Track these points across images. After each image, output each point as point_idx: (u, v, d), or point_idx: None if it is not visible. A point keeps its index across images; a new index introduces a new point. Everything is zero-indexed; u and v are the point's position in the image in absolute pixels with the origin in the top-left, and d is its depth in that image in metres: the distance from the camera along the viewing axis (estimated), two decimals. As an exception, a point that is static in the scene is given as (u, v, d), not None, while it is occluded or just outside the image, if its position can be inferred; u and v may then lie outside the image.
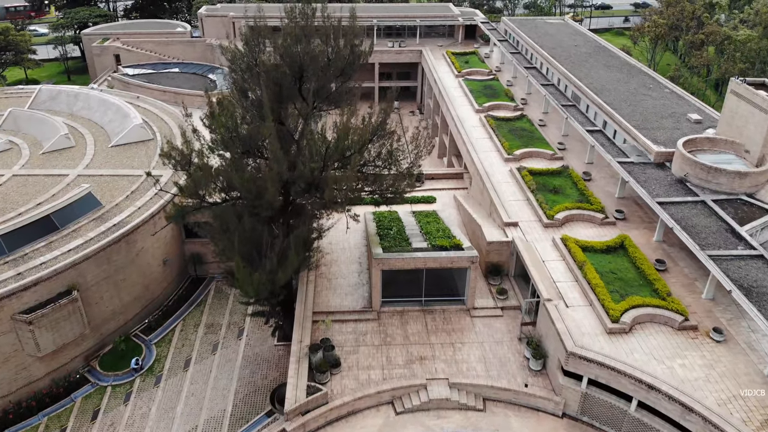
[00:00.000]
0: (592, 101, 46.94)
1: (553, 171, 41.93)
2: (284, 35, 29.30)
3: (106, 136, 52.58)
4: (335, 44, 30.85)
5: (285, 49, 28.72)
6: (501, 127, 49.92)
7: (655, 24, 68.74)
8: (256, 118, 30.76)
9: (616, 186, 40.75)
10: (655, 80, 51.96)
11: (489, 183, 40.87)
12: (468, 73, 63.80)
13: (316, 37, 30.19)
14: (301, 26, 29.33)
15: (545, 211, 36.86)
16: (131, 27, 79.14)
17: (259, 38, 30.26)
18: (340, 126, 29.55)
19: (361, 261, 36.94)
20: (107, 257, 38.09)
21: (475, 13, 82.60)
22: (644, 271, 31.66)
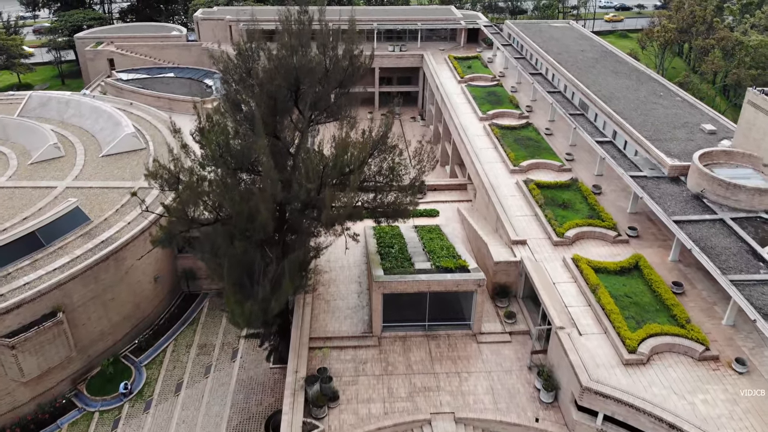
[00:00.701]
0: (601, 110, 45.17)
1: (561, 184, 40.15)
2: (279, 46, 27.53)
3: (97, 145, 50.82)
4: (333, 54, 29.05)
5: (280, 60, 26.92)
6: (506, 137, 48.15)
7: (664, 29, 66.81)
8: (249, 132, 29.06)
9: (628, 200, 38.97)
10: (666, 87, 50.20)
11: (495, 197, 39.09)
12: (471, 78, 62.01)
13: (312, 48, 28.36)
14: (296, 36, 27.49)
15: (555, 228, 35.09)
16: (126, 30, 77.33)
17: (252, 48, 28.44)
18: (338, 141, 27.80)
19: (361, 281, 35.16)
20: (95, 276, 36.34)
21: (477, 16, 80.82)
22: (661, 295, 29.90)
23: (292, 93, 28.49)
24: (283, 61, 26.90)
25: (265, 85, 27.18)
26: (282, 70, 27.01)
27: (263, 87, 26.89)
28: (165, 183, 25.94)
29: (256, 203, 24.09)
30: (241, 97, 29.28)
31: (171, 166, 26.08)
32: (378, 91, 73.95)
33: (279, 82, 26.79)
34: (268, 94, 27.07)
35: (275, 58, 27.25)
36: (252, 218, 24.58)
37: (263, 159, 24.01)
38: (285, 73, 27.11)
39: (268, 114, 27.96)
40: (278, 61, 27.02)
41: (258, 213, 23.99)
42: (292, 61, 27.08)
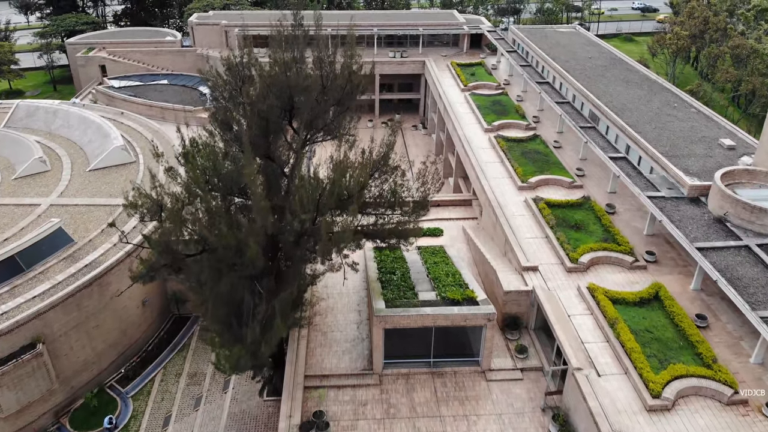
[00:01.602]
0: (613, 123, 42.94)
1: (573, 203, 37.92)
2: (271, 62, 25.32)
3: (85, 158, 48.64)
4: (331, 70, 26.83)
5: (272, 78, 24.70)
6: (513, 150, 45.92)
7: (676, 36, 64.45)
8: (240, 152, 26.90)
9: (643, 220, 36.74)
10: (679, 98, 47.96)
11: (502, 216, 36.86)
12: (475, 86, 59.77)
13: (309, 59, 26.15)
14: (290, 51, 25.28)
15: (568, 253, 32.86)
16: (118, 36, 75.12)
17: (243, 63, 26.23)
18: (336, 163, 25.62)
19: (361, 309, 32.94)
20: (77, 303, 34.17)
21: (480, 20, 78.58)
22: (684, 330, 27.68)
23: (286, 112, 26.29)
24: (275, 78, 24.67)
25: (256, 104, 24.96)
26: (274, 88, 24.80)
27: (254, 106, 24.67)
28: (146, 213, 23.72)
29: (245, 236, 21.86)
30: (231, 115, 27.07)
31: (153, 194, 23.87)
32: (378, 98, 71.71)
33: (271, 102, 24.58)
34: (259, 114, 24.85)
35: (267, 75, 25.02)
36: (240, 252, 22.37)
37: (253, 188, 21.79)
38: (278, 91, 24.90)
39: (259, 135, 25.77)
40: (270, 79, 24.79)
41: (247, 247, 21.77)
42: (285, 78, 24.83)
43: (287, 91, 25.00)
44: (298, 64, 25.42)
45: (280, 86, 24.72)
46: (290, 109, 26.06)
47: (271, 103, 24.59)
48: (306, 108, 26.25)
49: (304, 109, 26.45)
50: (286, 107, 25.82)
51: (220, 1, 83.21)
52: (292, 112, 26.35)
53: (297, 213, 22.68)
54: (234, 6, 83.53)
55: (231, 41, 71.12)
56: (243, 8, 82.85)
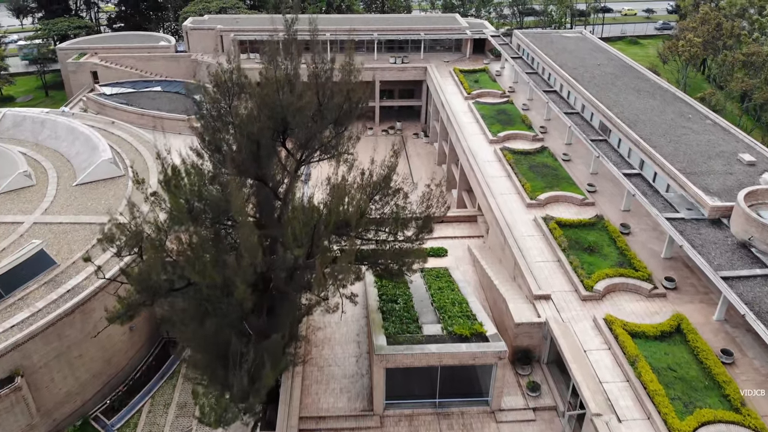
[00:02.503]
0: (626, 135, 40.77)
1: (585, 223, 35.79)
2: (263, 82, 23.20)
3: (72, 171, 46.50)
4: (328, 88, 24.70)
5: (263, 98, 22.58)
6: (520, 163, 43.79)
7: (689, 43, 62.19)
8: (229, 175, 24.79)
9: (660, 242, 34.64)
10: (693, 108, 45.79)
11: (511, 237, 34.73)
12: (478, 94, 57.63)
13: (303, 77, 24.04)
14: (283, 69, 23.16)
15: (582, 280, 30.73)
16: (110, 40, 72.93)
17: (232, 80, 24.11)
18: (332, 188, 23.54)
19: (360, 339, 30.81)
20: (58, 333, 32.05)
21: (483, 24, 76.42)
22: (709, 368, 25.57)
23: (279, 133, 24.18)
24: (266, 98, 22.53)
25: (246, 126, 22.84)
26: (266, 108, 22.67)
27: (244, 127, 22.56)
28: (124, 246, 21.61)
29: (232, 275, 19.72)
30: (220, 135, 24.94)
31: (132, 225, 21.75)
32: (378, 105, 69.53)
33: (262, 124, 22.47)
34: (248, 136, 22.74)
35: (258, 94, 22.89)
36: (227, 291, 20.25)
37: (241, 223, 19.67)
38: (269, 111, 22.77)
39: (249, 159, 23.66)
40: (261, 99, 22.66)
41: (234, 286, 19.64)
42: (277, 97, 22.70)
43: (280, 112, 22.87)
44: (291, 82, 23.25)
45: (272, 106, 22.58)
46: (283, 131, 23.93)
47: (262, 125, 22.46)
48: (301, 128, 24.12)
49: (298, 129, 24.31)
50: (279, 128, 23.69)
51: (216, 4, 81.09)
52: (286, 133, 24.22)
53: (290, 246, 20.54)
54: (231, 9, 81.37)
55: (226, 46, 68.96)
56: (240, 12, 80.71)
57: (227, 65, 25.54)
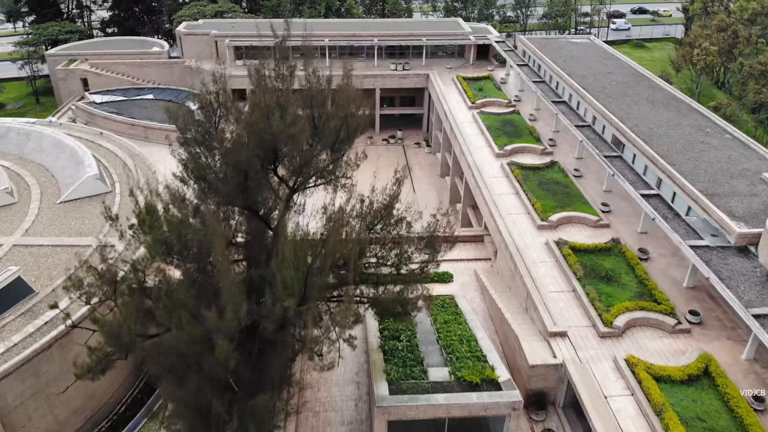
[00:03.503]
0: (642, 151, 38.40)
1: (601, 248, 33.43)
2: (251, 105, 20.86)
3: (57, 187, 44.09)
4: (323, 111, 22.36)
5: (251, 126, 20.24)
6: (529, 179, 41.43)
7: (705, 51, 59.74)
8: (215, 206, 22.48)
9: (681, 268, 32.29)
10: (711, 121, 43.44)
11: (522, 264, 32.35)
12: (483, 104, 55.25)
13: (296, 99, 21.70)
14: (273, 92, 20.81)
15: (600, 314, 28.37)
16: (101, 46, 70.54)
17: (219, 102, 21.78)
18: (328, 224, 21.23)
19: (360, 380, 28.45)
20: (34, 369, 29.67)
21: (487, 29, 73.98)
22: (741, 418, 23.27)
23: (269, 162, 21.84)
24: (255, 125, 20.20)
25: (232, 155, 20.51)
26: (254, 136, 20.33)
27: (229, 157, 20.23)
28: (97, 292, 19.27)
29: (213, 330, 17.38)
30: (206, 163, 22.60)
31: (103, 268, 19.42)
32: (379, 113, 67.14)
33: (250, 153, 20.15)
34: (235, 166, 20.42)
35: (244, 121, 20.55)
36: (207, 346, 17.91)
37: (223, 272, 17.32)
38: (258, 140, 20.43)
39: (236, 190, 21.34)
40: (249, 126, 20.32)
41: (214, 345, 17.30)
42: (267, 124, 20.35)
43: (270, 140, 20.53)
44: (283, 106, 20.90)
45: (261, 133, 20.24)
46: (274, 159, 21.59)
47: (249, 154, 20.14)
48: (293, 155, 21.79)
49: (291, 157, 21.98)
50: (269, 156, 21.35)
51: (211, 8, 78.70)
52: (277, 162, 21.89)
53: (280, 295, 18.19)
54: (227, 14, 79.00)
55: (221, 52, 66.62)
56: (236, 16, 78.33)
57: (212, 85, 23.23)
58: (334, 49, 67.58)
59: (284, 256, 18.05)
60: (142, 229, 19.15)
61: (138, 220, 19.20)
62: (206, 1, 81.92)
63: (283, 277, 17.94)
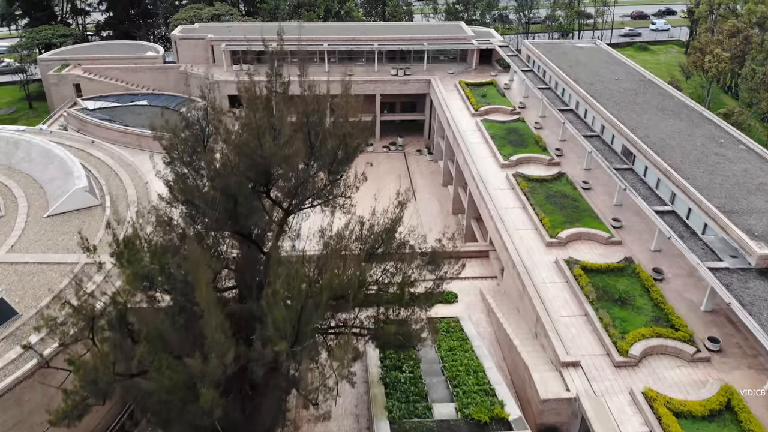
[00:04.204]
0: (654, 163, 36.75)
1: (614, 267, 31.80)
2: (241, 125, 19.23)
3: (45, 200, 42.41)
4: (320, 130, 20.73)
5: (240, 148, 18.61)
6: (536, 192, 39.78)
7: (717, 58, 57.95)
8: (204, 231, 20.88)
9: (698, 290, 30.67)
10: (724, 131, 41.80)
11: (531, 285, 30.70)
12: (487, 111, 53.59)
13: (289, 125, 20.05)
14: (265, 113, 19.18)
15: (615, 342, 26.72)
16: (95, 50, 68.80)
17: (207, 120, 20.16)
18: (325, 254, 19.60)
19: (359, 413, 26.77)
20: (16, 399, 27.99)
21: (490, 33, 72.33)
22: (771, 458, 21.61)
23: (261, 185, 20.21)
24: (245, 147, 18.56)
25: (220, 180, 18.88)
26: (245, 159, 18.70)
27: (217, 182, 18.61)
28: (72, 331, 17.65)
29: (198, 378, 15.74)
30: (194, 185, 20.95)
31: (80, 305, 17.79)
32: (379, 119, 65.47)
33: (240, 178, 18.54)
34: (223, 191, 18.79)
35: (233, 143, 18.93)
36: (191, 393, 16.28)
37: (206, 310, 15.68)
38: (249, 163, 18.80)
39: (225, 216, 19.71)
40: (239, 148, 18.69)
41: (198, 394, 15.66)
42: (258, 146, 18.71)
43: (262, 163, 18.90)
44: (275, 127, 19.26)
45: (252, 156, 18.61)
46: (266, 182, 19.96)
47: (239, 179, 18.52)
48: (287, 177, 20.17)
49: (284, 179, 20.36)
50: (261, 180, 19.72)
51: (208, 11, 77.03)
52: (269, 185, 20.26)
53: (271, 337, 16.55)
54: (224, 16, 77.34)
55: (218, 57, 64.97)
56: (233, 19, 76.65)
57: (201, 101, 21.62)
58: (333, 54, 65.95)
59: (275, 293, 16.41)
60: (120, 263, 17.52)
61: (116, 253, 17.57)
62: (203, 4, 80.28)
63: (273, 318, 16.29)
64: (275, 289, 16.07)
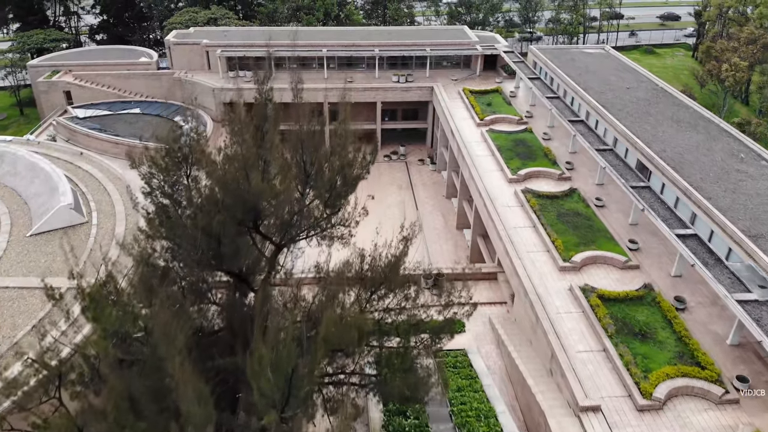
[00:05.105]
0: (672, 181, 34.61)
1: (633, 296, 29.64)
2: (225, 158, 17.10)
3: (29, 217, 40.28)
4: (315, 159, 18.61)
5: (225, 184, 16.48)
6: (546, 210, 37.63)
7: (735, 67, 55.71)
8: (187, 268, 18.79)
9: (723, 321, 28.56)
10: (744, 145, 39.65)
11: (545, 317, 28.52)
12: (492, 120, 51.43)
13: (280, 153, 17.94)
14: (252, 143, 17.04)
15: (637, 382, 24.59)
16: (86, 56, 66.64)
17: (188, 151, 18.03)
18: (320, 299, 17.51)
19: (361, 461, 24.63)
20: (-14, 441, 25.82)
21: (495, 38, 70.14)
22: None
23: (249, 221, 18.09)
24: (229, 183, 16.42)
25: (201, 219, 16.76)
26: (229, 196, 16.57)
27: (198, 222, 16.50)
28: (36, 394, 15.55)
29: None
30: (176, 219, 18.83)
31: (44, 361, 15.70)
32: (380, 127, 63.32)
33: (224, 217, 16.42)
34: (205, 230, 16.68)
35: (216, 179, 16.80)
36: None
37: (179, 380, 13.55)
38: (234, 199, 16.67)
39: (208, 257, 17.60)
40: (223, 184, 16.56)
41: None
42: (245, 181, 16.57)
43: (249, 200, 16.77)
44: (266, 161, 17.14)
45: (239, 193, 16.49)
46: (254, 219, 17.82)
47: (222, 219, 16.40)
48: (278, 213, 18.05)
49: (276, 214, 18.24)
50: (248, 217, 17.59)
51: (204, 15, 74.84)
52: (258, 221, 18.13)
53: (258, 406, 14.41)
54: (221, 20, 75.16)
55: (213, 63, 62.81)
56: (230, 23, 74.49)
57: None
58: (332, 60, 63.76)
59: (261, 359, 14.25)
60: (86, 318, 15.43)
61: (81, 308, 15.46)
62: (199, 8, 78.14)
63: (260, 387, 14.15)
64: (260, 354, 13.92)
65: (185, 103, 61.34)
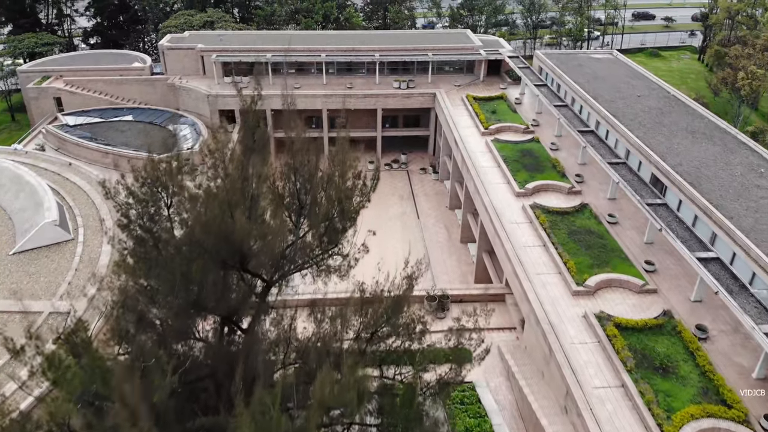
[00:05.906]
0: (690, 197, 32.69)
1: (652, 325, 27.68)
2: (206, 196, 15.14)
3: (13, 233, 38.43)
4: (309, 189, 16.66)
5: (205, 225, 14.53)
6: (557, 227, 35.69)
7: (752, 75, 53.72)
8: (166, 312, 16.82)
9: (748, 351, 26.67)
10: (762, 157, 37.73)
11: (559, 349, 26.57)
12: (498, 129, 49.46)
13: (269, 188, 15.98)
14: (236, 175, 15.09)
15: (660, 424, 22.66)
16: (78, 61, 64.62)
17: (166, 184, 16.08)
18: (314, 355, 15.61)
19: None
20: (-44, 486, 23.89)
21: (498, 43, 68.19)
22: None
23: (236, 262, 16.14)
24: (210, 226, 14.47)
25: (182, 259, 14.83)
26: (210, 238, 14.63)
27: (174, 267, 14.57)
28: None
29: None
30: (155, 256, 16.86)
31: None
32: (381, 135, 61.34)
33: (202, 263, 14.49)
34: (186, 277, 14.75)
35: (197, 218, 14.85)
36: None
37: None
38: (217, 241, 14.73)
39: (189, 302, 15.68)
40: (203, 225, 14.61)
41: None
42: (230, 221, 14.63)
43: (234, 241, 14.82)
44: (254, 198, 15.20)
45: (222, 236, 14.55)
46: (240, 261, 15.87)
47: (202, 264, 14.46)
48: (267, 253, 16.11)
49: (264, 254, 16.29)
50: (233, 259, 15.64)
51: (200, 18, 72.89)
52: (245, 262, 16.17)
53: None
54: (217, 24, 73.20)
55: (208, 68, 60.85)
56: (226, 27, 72.51)
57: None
58: (331, 65, 61.78)
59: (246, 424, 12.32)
60: (47, 380, 13.51)
61: (41, 370, 13.53)
62: (195, 11, 76.19)
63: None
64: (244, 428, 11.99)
65: (179, 110, 59.51)
